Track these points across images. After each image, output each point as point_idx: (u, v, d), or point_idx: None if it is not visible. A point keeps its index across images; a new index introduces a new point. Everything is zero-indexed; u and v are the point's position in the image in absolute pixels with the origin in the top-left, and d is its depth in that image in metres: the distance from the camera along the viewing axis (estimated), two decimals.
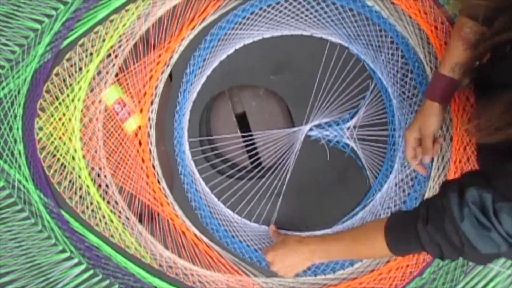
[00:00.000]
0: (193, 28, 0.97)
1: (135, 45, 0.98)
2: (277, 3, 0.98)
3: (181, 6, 0.97)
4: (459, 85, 0.82)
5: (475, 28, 0.73)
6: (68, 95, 0.97)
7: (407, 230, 0.66)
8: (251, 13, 0.98)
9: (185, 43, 0.98)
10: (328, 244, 0.78)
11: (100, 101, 0.98)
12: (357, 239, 0.74)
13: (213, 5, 0.97)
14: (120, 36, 0.97)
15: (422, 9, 0.96)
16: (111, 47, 0.97)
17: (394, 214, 0.71)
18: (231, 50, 0.99)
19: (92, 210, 0.98)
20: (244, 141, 1.04)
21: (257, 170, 1.02)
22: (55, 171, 0.97)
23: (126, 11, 0.97)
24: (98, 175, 0.98)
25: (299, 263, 0.83)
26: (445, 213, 0.60)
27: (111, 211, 0.98)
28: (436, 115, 0.84)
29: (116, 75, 0.98)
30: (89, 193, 0.98)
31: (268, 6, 0.98)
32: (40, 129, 0.97)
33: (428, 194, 0.97)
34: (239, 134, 1.03)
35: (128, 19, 0.97)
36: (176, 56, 0.98)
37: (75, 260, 0.98)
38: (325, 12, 0.98)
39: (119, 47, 0.97)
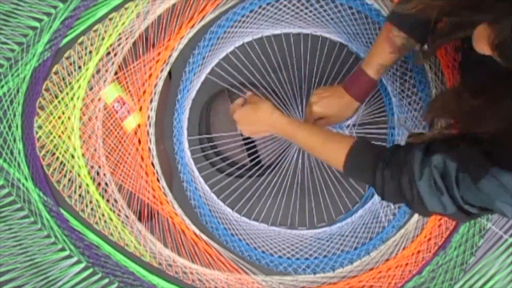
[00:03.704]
0: (192, 26, 0.97)
1: (134, 43, 0.98)
2: (277, 1, 0.98)
3: (180, 4, 0.97)
4: (375, 87, 0.84)
5: (402, 35, 0.78)
6: (67, 94, 0.97)
7: (366, 163, 0.68)
8: (251, 11, 0.98)
9: (184, 41, 0.98)
10: (296, 131, 0.78)
11: (99, 100, 0.98)
12: (325, 144, 0.75)
13: (212, 3, 0.97)
14: (119, 34, 0.97)
15: None
16: (110, 45, 0.97)
17: (362, 141, 0.72)
18: (231, 48, 0.99)
19: (92, 209, 0.97)
20: (244, 139, 1.04)
21: (256, 168, 1.02)
22: (54, 169, 0.97)
23: (126, 9, 0.97)
24: (98, 174, 0.98)
25: (261, 131, 0.84)
26: (405, 166, 0.63)
27: (110, 209, 0.98)
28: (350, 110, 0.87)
29: (116, 73, 0.98)
30: (88, 192, 0.98)
31: (268, 4, 0.98)
32: (39, 127, 0.97)
33: None
34: (239, 132, 1.03)
35: (127, 17, 0.97)
36: (175, 54, 0.98)
37: (75, 259, 0.98)
38: (325, 10, 0.98)
39: (119, 45, 0.97)
